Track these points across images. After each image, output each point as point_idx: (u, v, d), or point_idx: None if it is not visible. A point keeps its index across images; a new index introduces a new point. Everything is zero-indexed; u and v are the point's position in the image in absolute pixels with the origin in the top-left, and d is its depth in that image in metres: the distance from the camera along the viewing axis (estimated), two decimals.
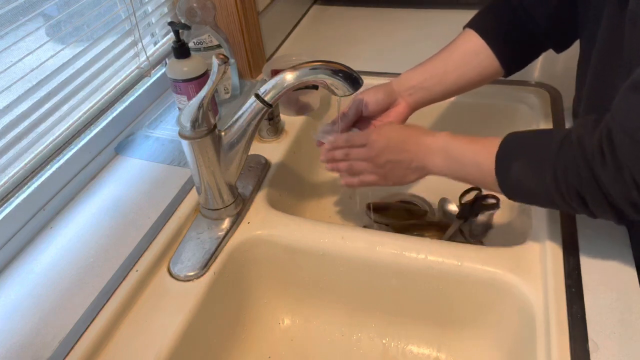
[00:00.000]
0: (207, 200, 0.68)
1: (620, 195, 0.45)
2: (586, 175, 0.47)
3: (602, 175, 0.46)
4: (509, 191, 0.56)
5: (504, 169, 0.55)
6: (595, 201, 0.48)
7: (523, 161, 0.53)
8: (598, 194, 0.47)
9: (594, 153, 0.46)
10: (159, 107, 0.93)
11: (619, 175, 0.44)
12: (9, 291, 0.61)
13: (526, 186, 0.53)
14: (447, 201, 0.89)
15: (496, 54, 0.69)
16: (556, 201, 0.51)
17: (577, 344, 0.50)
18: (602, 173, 0.46)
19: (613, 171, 0.45)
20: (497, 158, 0.55)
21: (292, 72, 0.61)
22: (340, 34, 1.17)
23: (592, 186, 0.47)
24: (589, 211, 0.50)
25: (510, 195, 0.57)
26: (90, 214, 0.72)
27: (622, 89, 0.45)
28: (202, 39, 0.87)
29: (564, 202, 0.50)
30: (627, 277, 0.56)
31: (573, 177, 0.48)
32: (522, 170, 0.53)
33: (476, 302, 0.63)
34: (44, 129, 0.72)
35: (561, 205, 0.52)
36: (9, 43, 0.64)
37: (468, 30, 0.72)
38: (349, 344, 0.71)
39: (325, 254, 0.66)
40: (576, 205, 0.50)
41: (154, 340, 0.56)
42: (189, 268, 0.63)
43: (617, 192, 0.46)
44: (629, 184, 0.44)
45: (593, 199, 0.48)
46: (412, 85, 0.73)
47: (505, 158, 0.55)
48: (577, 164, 0.47)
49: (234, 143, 0.64)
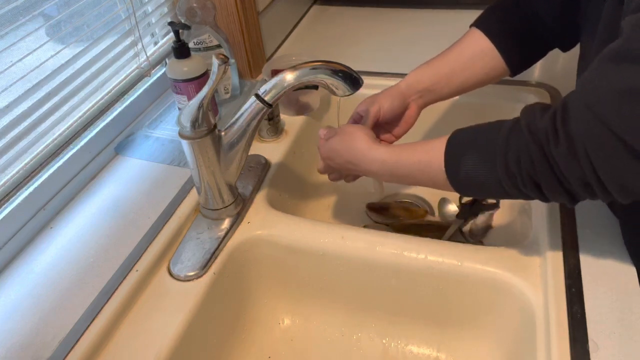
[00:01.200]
0: (207, 200, 0.68)
1: (574, 175, 0.44)
2: (539, 159, 0.46)
3: (555, 154, 0.44)
4: (460, 187, 0.55)
5: (453, 168, 0.54)
6: (549, 185, 0.47)
7: (471, 157, 0.52)
8: (552, 177, 0.46)
9: (547, 133, 0.45)
10: (159, 107, 0.93)
11: (572, 152, 0.43)
12: (9, 291, 0.61)
13: (478, 180, 0.52)
14: (447, 201, 0.89)
15: (502, 54, 0.69)
16: (509, 191, 0.50)
17: (577, 344, 0.50)
18: (555, 152, 0.44)
19: (566, 149, 0.43)
20: (445, 157, 0.55)
21: (292, 72, 0.61)
22: (340, 34, 1.17)
23: (546, 169, 0.46)
24: (542, 196, 0.49)
25: (461, 191, 0.56)
26: (90, 214, 0.72)
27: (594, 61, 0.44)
28: (202, 39, 0.87)
29: (519, 192, 0.50)
30: (627, 277, 0.56)
31: (526, 164, 0.47)
32: (472, 167, 0.52)
33: (476, 302, 0.63)
34: (44, 129, 0.72)
35: (513, 194, 0.51)
36: (9, 43, 0.64)
37: (474, 30, 0.71)
38: (349, 344, 0.71)
39: (325, 254, 0.66)
40: (530, 191, 0.49)
41: (154, 340, 0.56)
42: (189, 268, 0.63)
43: (570, 171, 0.44)
44: (582, 162, 0.43)
45: (547, 183, 0.47)
46: (423, 88, 0.73)
47: (453, 157, 0.54)
48: (529, 149, 0.46)
49: (234, 143, 0.64)
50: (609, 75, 0.42)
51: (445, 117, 0.96)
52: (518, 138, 0.48)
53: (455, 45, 0.72)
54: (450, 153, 0.55)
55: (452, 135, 0.56)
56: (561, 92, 0.88)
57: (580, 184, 0.45)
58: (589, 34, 0.58)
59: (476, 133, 0.54)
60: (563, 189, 0.46)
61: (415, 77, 0.73)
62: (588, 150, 0.42)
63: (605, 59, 0.42)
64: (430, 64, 0.73)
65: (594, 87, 0.43)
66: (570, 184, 0.45)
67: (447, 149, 0.55)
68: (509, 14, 0.70)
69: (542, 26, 0.68)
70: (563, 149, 0.44)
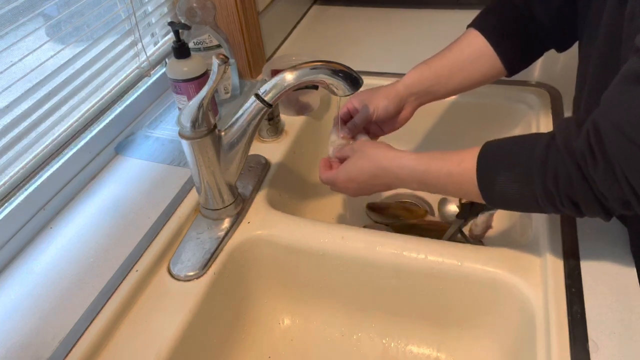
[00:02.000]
0: (207, 200, 0.68)
1: (613, 195, 0.44)
2: (578, 180, 0.46)
3: (595, 176, 0.45)
4: (496, 204, 0.55)
5: (487, 185, 0.53)
6: (588, 204, 0.47)
7: (506, 175, 0.51)
8: (591, 196, 0.46)
9: (584, 154, 0.45)
10: (159, 107, 0.93)
11: (610, 173, 0.43)
12: (9, 291, 0.61)
13: (514, 198, 0.52)
14: (447, 201, 0.89)
15: (499, 55, 0.69)
16: (544, 208, 0.50)
17: (577, 344, 0.50)
18: (594, 174, 0.44)
19: (604, 170, 0.44)
20: (478, 174, 0.53)
21: (292, 72, 0.61)
22: (340, 34, 1.17)
23: (585, 189, 0.46)
24: (579, 213, 0.49)
25: (494, 205, 0.56)
26: (90, 214, 0.72)
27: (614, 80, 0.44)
28: (202, 39, 0.87)
29: (555, 208, 0.50)
30: (627, 277, 0.56)
31: (564, 184, 0.47)
32: (508, 185, 0.51)
33: (476, 302, 0.63)
34: (44, 129, 0.72)
35: (550, 211, 0.51)
36: (9, 43, 0.64)
37: (471, 30, 0.71)
38: (349, 344, 0.71)
39: (325, 254, 0.66)
40: (568, 209, 0.49)
41: (154, 340, 0.56)
42: (189, 268, 0.63)
43: (609, 191, 0.44)
44: (621, 182, 0.43)
45: (586, 202, 0.47)
46: (420, 90, 0.73)
47: (486, 173, 0.53)
48: (567, 170, 0.46)
49: (234, 143, 0.64)
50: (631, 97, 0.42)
51: (445, 117, 0.96)
52: (555, 157, 0.47)
53: (453, 46, 0.73)
54: (483, 170, 0.53)
55: (484, 150, 0.54)
56: (561, 92, 0.88)
57: (620, 202, 0.45)
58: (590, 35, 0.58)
59: (509, 149, 0.53)
60: (600, 206, 0.47)
61: (412, 79, 0.73)
62: (625, 171, 0.43)
63: (628, 80, 0.42)
64: (428, 65, 0.73)
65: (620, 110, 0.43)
66: (609, 202, 0.46)
67: (480, 165, 0.53)
68: (505, 15, 0.70)
69: (539, 27, 0.68)
70: (601, 171, 0.44)
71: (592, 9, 0.58)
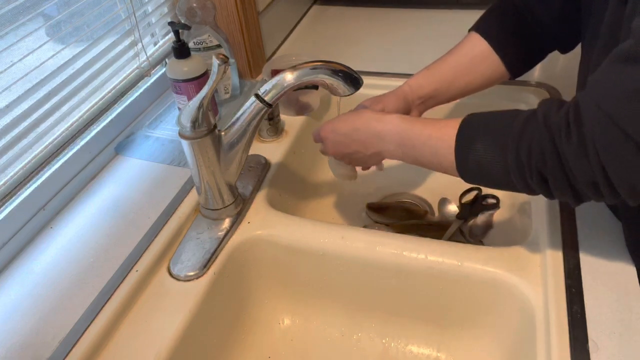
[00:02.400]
0: (207, 200, 0.68)
1: (582, 173, 0.44)
2: (549, 153, 0.46)
3: (566, 150, 0.44)
4: (467, 173, 0.54)
5: (464, 151, 0.53)
6: (556, 180, 0.46)
7: (483, 141, 0.51)
8: (560, 172, 0.46)
9: (560, 127, 0.45)
10: (159, 107, 0.93)
11: (582, 150, 0.43)
12: (9, 291, 0.61)
13: (486, 168, 0.52)
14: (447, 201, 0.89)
15: (502, 58, 0.69)
16: (515, 181, 0.50)
17: (577, 344, 0.50)
18: (566, 148, 0.44)
19: (577, 146, 0.43)
20: (457, 139, 0.54)
21: (292, 72, 0.61)
22: (340, 34, 1.17)
23: (555, 164, 0.46)
24: (548, 191, 0.48)
25: (465, 175, 0.55)
26: (90, 214, 0.72)
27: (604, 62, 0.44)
28: (202, 39, 0.87)
29: (525, 183, 0.49)
30: (627, 277, 0.56)
31: (536, 155, 0.47)
32: (483, 152, 0.51)
33: (476, 302, 0.63)
34: (44, 129, 0.72)
35: (520, 186, 0.50)
36: (9, 43, 0.64)
37: (473, 34, 0.71)
38: (349, 344, 0.71)
39: (325, 254, 0.66)
40: (536, 185, 0.48)
41: (154, 340, 0.56)
42: (189, 268, 0.63)
43: (579, 168, 0.44)
44: (592, 161, 0.43)
45: (554, 179, 0.46)
46: (424, 94, 0.73)
47: (465, 139, 0.53)
48: (542, 143, 0.46)
49: (234, 143, 0.64)
50: (619, 76, 0.41)
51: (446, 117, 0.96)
52: (533, 128, 0.47)
53: (456, 50, 0.72)
54: (462, 135, 0.54)
55: (466, 118, 0.55)
56: (561, 92, 0.88)
57: (588, 183, 0.44)
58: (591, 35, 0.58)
59: (491, 118, 0.53)
60: (569, 187, 0.46)
61: (417, 82, 0.73)
62: (598, 148, 0.42)
63: (616, 60, 0.42)
64: (431, 69, 0.73)
65: (604, 87, 0.43)
66: (577, 182, 0.45)
67: (460, 130, 0.54)
68: (507, 18, 0.70)
69: (541, 29, 0.68)
70: (574, 146, 0.44)
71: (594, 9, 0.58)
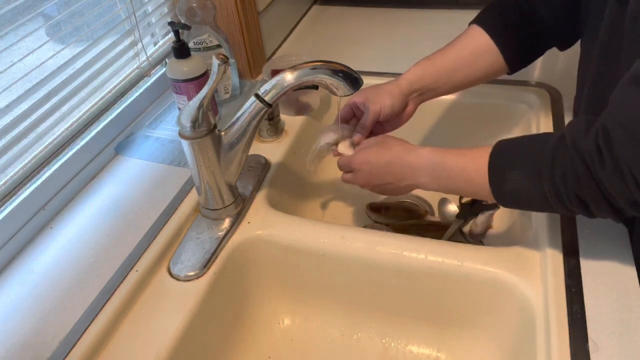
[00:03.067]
0: (207, 200, 0.68)
1: (621, 195, 0.45)
2: (585, 179, 0.46)
3: (602, 176, 0.45)
4: (505, 201, 0.55)
5: (498, 181, 0.54)
6: (597, 203, 0.47)
7: (517, 171, 0.52)
8: (599, 196, 0.46)
9: (592, 153, 0.45)
10: (159, 107, 0.93)
11: (618, 173, 0.44)
12: (9, 291, 0.61)
13: (523, 195, 0.52)
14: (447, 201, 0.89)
15: (503, 52, 0.69)
16: (555, 207, 0.51)
17: (577, 344, 0.50)
18: (601, 173, 0.45)
19: (612, 170, 0.44)
20: (489, 170, 0.54)
21: (292, 72, 0.61)
22: (340, 34, 1.17)
23: (593, 189, 0.46)
24: (588, 212, 0.49)
25: (506, 205, 0.56)
26: (90, 214, 0.72)
27: (620, 82, 0.44)
28: (202, 39, 0.87)
29: (564, 207, 0.50)
30: (627, 277, 0.56)
31: (572, 182, 0.47)
32: (518, 181, 0.52)
33: (476, 302, 0.63)
34: (44, 129, 0.72)
35: (560, 210, 0.51)
36: (9, 43, 0.64)
37: (474, 27, 0.71)
38: (349, 344, 0.71)
39: (325, 254, 0.66)
40: (576, 209, 0.49)
41: (154, 340, 0.56)
42: (189, 268, 0.63)
43: (617, 191, 0.45)
44: (629, 182, 0.43)
45: (594, 202, 0.47)
46: (423, 87, 0.73)
47: (498, 169, 0.54)
48: (575, 168, 0.47)
49: (234, 143, 0.64)
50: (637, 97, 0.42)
51: (446, 117, 0.96)
52: (564, 155, 0.48)
53: (456, 42, 0.72)
54: (494, 165, 0.54)
55: (496, 147, 0.55)
56: (561, 92, 0.88)
57: (628, 202, 0.45)
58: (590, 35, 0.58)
59: (521, 147, 0.54)
60: (610, 207, 0.47)
61: (415, 75, 0.73)
62: (633, 170, 0.43)
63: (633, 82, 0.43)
64: (431, 61, 0.73)
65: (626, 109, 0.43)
66: (617, 202, 0.46)
67: (491, 161, 0.54)
68: (509, 12, 0.70)
69: (541, 24, 0.68)
70: (609, 171, 0.44)
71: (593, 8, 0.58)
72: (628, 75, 0.44)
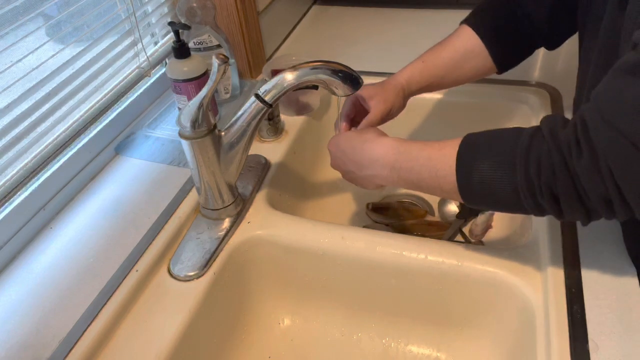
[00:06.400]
0: (207, 200, 0.68)
1: (595, 190, 0.43)
2: (561, 171, 0.44)
3: (577, 167, 0.43)
4: (471, 196, 0.52)
5: (466, 171, 0.50)
6: (568, 199, 0.45)
7: (488, 162, 0.49)
8: (572, 191, 0.44)
9: (570, 144, 0.43)
10: (159, 107, 0.93)
11: (594, 165, 0.42)
12: (9, 291, 0.61)
13: (492, 188, 0.49)
14: (447, 201, 0.89)
15: (492, 53, 0.70)
16: (525, 203, 0.48)
17: (577, 344, 0.50)
18: (577, 165, 0.43)
19: (589, 161, 0.42)
20: (457, 160, 0.51)
21: (292, 72, 0.61)
22: (340, 34, 1.17)
23: (567, 182, 0.44)
24: (558, 210, 0.47)
25: (471, 201, 0.53)
26: (90, 214, 0.72)
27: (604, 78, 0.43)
28: (202, 39, 0.87)
29: (534, 203, 0.47)
30: (627, 277, 0.56)
31: (546, 174, 0.45)
32: (488, 172, 0.49)
33: (476, 302, 0.63)
34: (44, 129, 0.72)
35: (529, 207, 0.48)
36: (9, 43, 0.64)
37: (465, 27, 0.72)
38: (349, 344, 0.71)
39: (325, 254, 0.66)
40: (547, 205, 0.46)
41: (154, 340, 0.56)
42: (189, 268, 0.63)
43: (592, 186, 0.43)
44: (604, 175, 0.42)
45: (567, 197, 0.45)
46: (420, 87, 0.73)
47: (467, 159, 0.51)
48: (551, 159, 0.44)
49: (234, 143, 0.64)
50: (625, 88, 0.41)
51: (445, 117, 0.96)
52: (540, 145, 0.46)
53: (448, 44, 0.73)
54: (462, 156, 0.51)
55: (466, 138, 0.52)
56: (561, 92, 0.88)
57: (601, 200, 0.43)
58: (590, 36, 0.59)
59: (493, 138, 0.51)
60: (581, 205, 0.45)
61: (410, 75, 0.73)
62: (610, 164, 0.41)
63: (621, 72, 0.42)
64: (426, 63, 0.73)
65: (610, 101, 0.42)
66: (590, 199, 0.44)
67: (460, 151, 0.51)
68: (499, 13, 0.71)
69: (531, 25, 0.69)
70: (585, 163, 0.42)
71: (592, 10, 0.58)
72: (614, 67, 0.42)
